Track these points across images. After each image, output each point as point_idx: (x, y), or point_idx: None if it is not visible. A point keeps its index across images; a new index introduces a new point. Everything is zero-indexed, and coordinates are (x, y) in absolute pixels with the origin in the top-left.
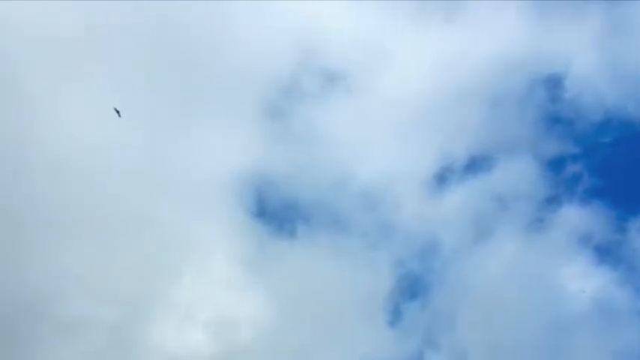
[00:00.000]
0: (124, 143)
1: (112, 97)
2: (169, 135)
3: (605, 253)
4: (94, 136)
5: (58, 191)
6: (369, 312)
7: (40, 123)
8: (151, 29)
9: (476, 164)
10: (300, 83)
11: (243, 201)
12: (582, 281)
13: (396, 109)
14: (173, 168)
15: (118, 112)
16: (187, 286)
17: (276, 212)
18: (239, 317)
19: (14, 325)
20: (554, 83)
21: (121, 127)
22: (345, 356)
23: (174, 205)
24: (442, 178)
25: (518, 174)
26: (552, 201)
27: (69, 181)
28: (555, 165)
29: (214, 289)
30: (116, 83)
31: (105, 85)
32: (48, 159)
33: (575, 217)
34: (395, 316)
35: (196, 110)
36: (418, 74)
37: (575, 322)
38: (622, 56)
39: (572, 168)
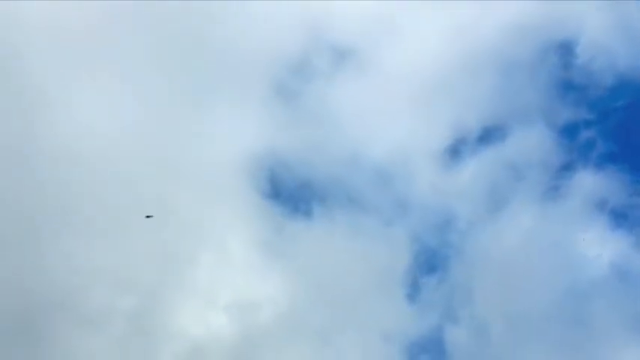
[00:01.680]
0: (136, 131)
1: (124, 85)
2: (181, 120)
3: (622, 218)
4: (107, 125)
5: (74, 182)
6: (387, 288)
7: (53, 114)
8: (161, 15)
9: (489, 135)
10: (310, 61)
11: (258, 183)
12: (599, 247)
13: (406, 84)
14: (186, 153)
15: (149, 216)
16: (206, 271)
17: (291, 193)
18: (259, 299)
19: (37, 318)
20: (565, 49)
21: (134, 114)
22: (366, 333)
23: (189, 191)
24: (456, 151)
25: (532, 142)
26: (567, 168)
27: (84, 172)
28: (569, 131)
29: (233, 273)
30: (127, 71)
31: (117, 72)
32: (62, 150)
33: (590, 183)
34: (413, 292)
35: (207, 94)
36: (428, 47)
37: (594, 287)
38: (633, 20)
39: (585, 134)
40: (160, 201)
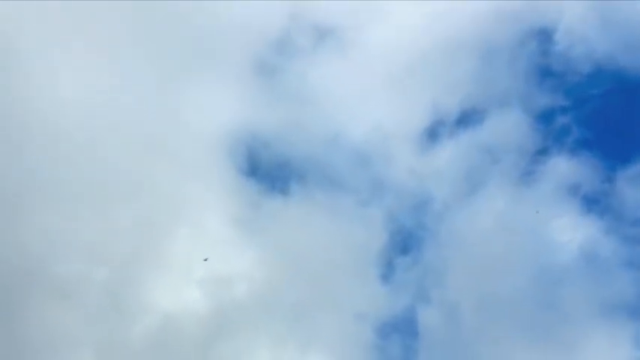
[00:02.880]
0: (115, 104)
1: (103, 59)
2: (160, 95)
3: (594, 203)
4: (85, 98)
5: (50, 154)
6: (362, 268)
7: (32, 86)
8: None
9: (467, 118)
10: (292, 39)
11: (236, 159)
12: (571, 232)
13: (387, 65)
14: (165, 128)
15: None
16: (181, 245)
17: (268, 171)
18: (234, 275)
19: (11, 287)
20: (544, 36)
21: (113, 88)
22: (339, 312)
23: (166, 165)
24: (433, 133)
25: (509, 127)
26: (542, 153)
27: (61, 145)
28: (545, 117)
29: (208, 248)
30: (107, 45)
31: (96, 47)
32: (41, 122)
33: (564, 168)
34: (388, 272)
35: (187, 69)
36: (409, 29)
37: (564, 272)
38: (612, 8)
39: (561, 120)
40: (137, 174)
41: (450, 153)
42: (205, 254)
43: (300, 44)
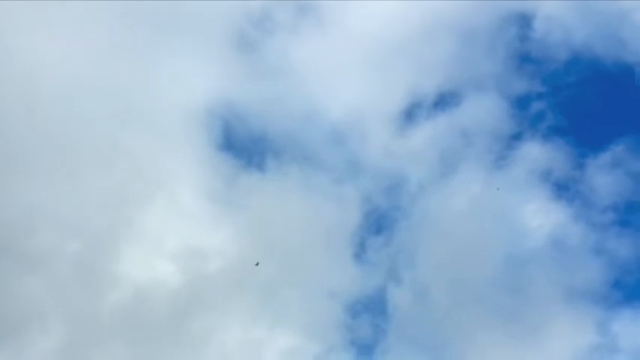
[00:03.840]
0: (92, 74)
1: (81, 27)
2: (139, 65)
3: (564, 189)
4: (62, 66)
5: (25, 124)
6: (335, 246)
7: (7, 54)
8: None
9: (444, 100)
10: (272, 14)
11: (212, 133)
12: (541, 217)
13: (367, 44)
14: (142, 98)
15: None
16: (155, 218)
17: (245, 145)
18: (207, 249)
19: None
20: (524, 22)
21: (91, 57)
22: (311, 289)
23: (142, 136)
24: (411, 114)
25: (485, 111)
26: (516, 138)
27: (35, 114)
28: (521, 103)
29: (182, 221)
30: (86, 14)
31: (75, 15)
32: (14, 90)
33: (537, 154)
34: (360, 251)
35: (167, 40)
36: (390, 9)
37: (533, 257)
38: None
39: (537, 106)
40: (112, 145)
41: (426, 135)
42: (179, 228)
43: (281, 20)
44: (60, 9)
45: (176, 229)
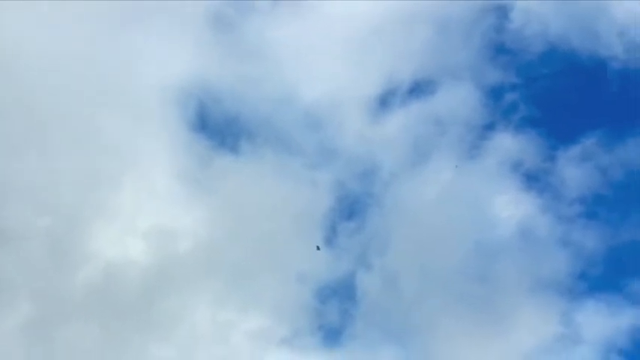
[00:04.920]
0: (66, 50)
1: (56, 5)
2: (113, 42)
3: (534, 181)
4: (36, 43)
5: None
6: (306, 231)
7: None
8: None
9: (419, 88)
10: None
11: (186, 113)
12: (512, 207)
13: (344, 29)
14: (117, 76)
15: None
16: (127, 196)
17: (219, 127)
18: (178, 229)
19: None
20: (501, 12)
21: (63, 33)
22: (280, 274)
23: (116, 113)
24: (385, 101)
25: (459, 100)
26: (489, 128)
27: (7, 88)
28: (495, 93)
29: (155, 200)
30: None
31: None
32: None
33: (509, 144)
34: (331, 236)
35: (143, 18)
36: None
37: (501, 247)
38: None
39: (510, 97)
40: (84, 122)
41: (400, 122)
42: (151, 207)
43: (259, 1)
44: None
45: (148, 208)
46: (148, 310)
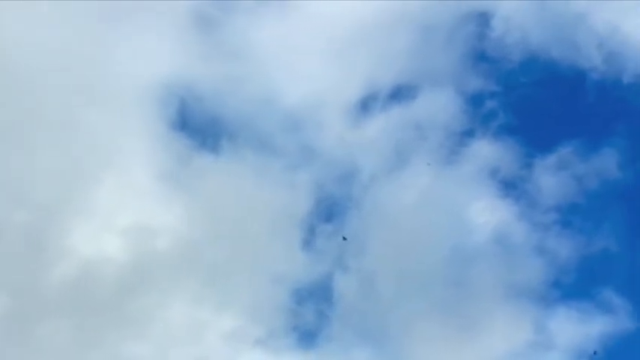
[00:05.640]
0: (48, 43)
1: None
2: (94, 38)
3: (511, 188)
4: (15, 35)
5: None
6: (284, 232)
7: None
8: None
9: (400, 93)
10: None
11: (167, 111)
12: (488, 214)
13: (327, 32)
14: (98, 72)
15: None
16: (106, 193)
17: (200, 126)
18: (156, 228)
19: None
20: (483, 20)
21: (47, 26)
22: (257, 274)
23: (97, 110)
24: (366, 105)
25: (440, 106)
26: (468, 134)
27: None
28: (475, 100)
29: (133, 198)
30: None
31: None
32: None
33: (487, 151)
34: (309, 238)
35: (127, 15)
36: None
37: (477, 253)
38: None
39: (490, 104)
40: (65, 117)
41: (381, 126)
42: (129, 205)
43: (243, 1)
44: None
45: (126, 205)
46: (123, 307)
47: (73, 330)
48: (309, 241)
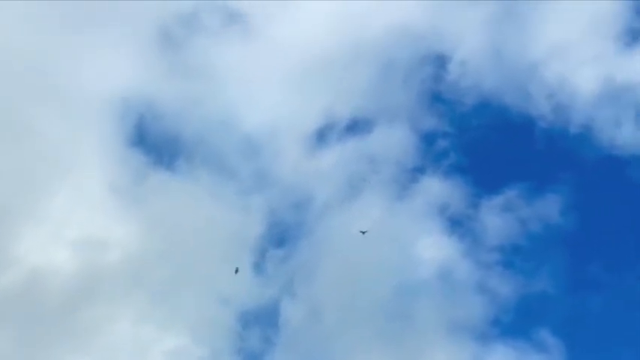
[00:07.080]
0: (9, 49)
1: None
2: (60, 47)
3: (457, 225)
4: None
5: None
6: (235, 255)
7: None
8: None
9: (356, 126)
10: (200, 16)
11: (125, 127)
12: (433, 250)
13: (289, 59)
14: (60, 82)
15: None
16: (58, 203)
17: (157, 143)
18: (106, 241)
19: None
20: (440, 62)
21: (11, 32)
22: (205, 295)
23: (56, 120)
24: (323, 135)
25: (394, 141)
26: (419, 171)
27: None
28: (428, 138)
29: (85, 210)
30: None
31: None
32: None
33: (437, 189)
34: (260, 262)
35: (93, 28)
36: (316, 28)
37: (421, 288)
38: (506, 47)
39: (442, 143)
40: (21, 124)
41: (336, 157)
42: (81, 217)
43: (208, 23)
44: None
45: (78, 216)
46: (68, 319)
47: (16, 340)
48: (259, 265)
